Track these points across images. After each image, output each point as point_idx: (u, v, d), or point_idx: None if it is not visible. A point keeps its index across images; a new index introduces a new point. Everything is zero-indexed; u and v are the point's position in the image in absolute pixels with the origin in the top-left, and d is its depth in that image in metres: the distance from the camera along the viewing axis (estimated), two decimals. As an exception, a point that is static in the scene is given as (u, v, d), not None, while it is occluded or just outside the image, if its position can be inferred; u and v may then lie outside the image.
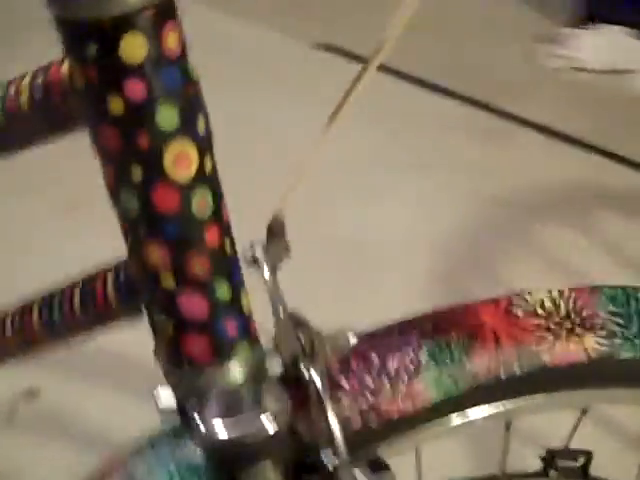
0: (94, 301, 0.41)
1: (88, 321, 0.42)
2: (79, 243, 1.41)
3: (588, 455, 0.52)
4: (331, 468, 0.40)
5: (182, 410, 0.39)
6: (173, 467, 0.41)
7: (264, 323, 0.43)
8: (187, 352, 0.37)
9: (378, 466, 0.43)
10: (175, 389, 0.39)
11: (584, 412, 0.51)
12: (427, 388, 0.42)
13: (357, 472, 0.41)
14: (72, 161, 0.94)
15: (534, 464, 0.52)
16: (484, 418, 0.45)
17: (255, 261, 0.44)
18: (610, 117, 1.76)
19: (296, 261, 0.45)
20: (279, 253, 0.45)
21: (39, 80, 0.36)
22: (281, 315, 0.42)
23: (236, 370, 0.38)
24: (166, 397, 0.40)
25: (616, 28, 1.91)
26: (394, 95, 1.82)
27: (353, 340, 0.41)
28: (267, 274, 0.43)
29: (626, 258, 1.47)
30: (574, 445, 0.52)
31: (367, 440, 0.43)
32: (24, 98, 0.36)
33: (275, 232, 0.45)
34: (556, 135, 1.73)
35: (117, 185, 0.34)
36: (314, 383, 0.39)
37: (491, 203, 1.58)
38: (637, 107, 1.78)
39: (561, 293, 0.45)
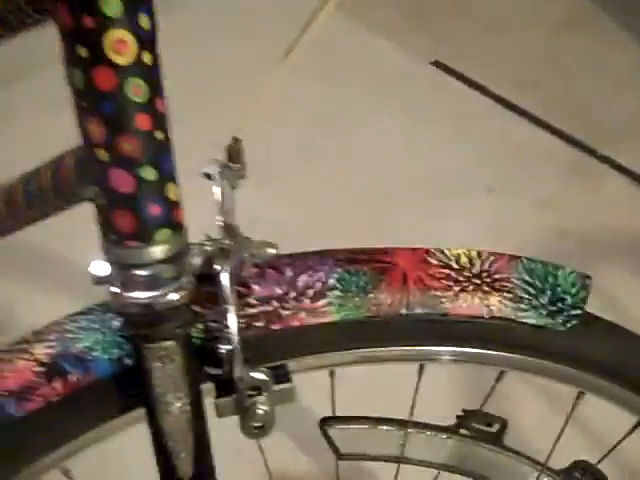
0: (59, 178, 0.47)
1: (56, 196, 0.48)
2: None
3: (503, 423, 0.54)
4: (225, 358, 0.44)
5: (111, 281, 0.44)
6: (99, 328, 0.46)
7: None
8: (116, 226, 0.42)
9: (281, 375, 0.47)
10: (107, 261, 0.44)
11: (499, 377, 0.53)
12: (329, 307, 0.46)
13: (253, 371, 0.45)
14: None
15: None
16: (390, 358, 0.48)
17: (209, 176, 0.49)
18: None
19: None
20: (235, 172, 0.50)
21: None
22: (219, 221, 0.47)
23: (156, 250, 0.42)
24: (99, 269, 0.45)
25: None
26: (494, 121, 1.86)
27: (271, 252, 0.45)
28: (217, 188, 0.48)
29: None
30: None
31: (277, 353, 0.47)
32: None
33: (233, 154, 0.49)
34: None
35: (68, 63, 0.39)
36: (222, 280, 0.44)
37: (561, 235, 1.58)
38: None
39: (479, 254, 0.48)
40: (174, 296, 0.43)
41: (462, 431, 0.54)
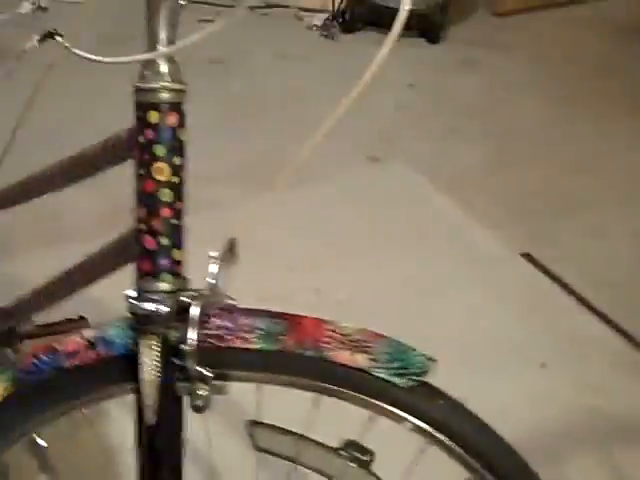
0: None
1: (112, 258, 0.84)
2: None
3: (371, 454, 0.81)
4: (186, 355, 0.75)
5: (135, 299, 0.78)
6: (121, 326, 0.79)
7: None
8: (143, 269, 0.76)
9: (220, 375, 0.78)
10: (136, 289, 0.78)
11: (370, 418, 0.79)
12: (255, 339, 0.76)
13: (200, 367, 0.76)
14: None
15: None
16: (290, 384, 0.78)
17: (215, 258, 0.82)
18: None
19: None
20: (230, 260, 0.82)
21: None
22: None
23: (164, 286, 0.76)
24: (130, 293, 0.78)
25: None
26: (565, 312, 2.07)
27: (227, 301, 0.77)
28: (214, 270, 0.80)
29: None
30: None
31: (220, 362, 0.78)
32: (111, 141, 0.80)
33: (230, 248, 0.82)
34: None
35: (136, 176, 0.75)
36: (193, 312, 0.76)
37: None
38: None
39: (359, 330, 0.77)
40: (164, 309, 0.76)
41: (342, 453, 0.81)
